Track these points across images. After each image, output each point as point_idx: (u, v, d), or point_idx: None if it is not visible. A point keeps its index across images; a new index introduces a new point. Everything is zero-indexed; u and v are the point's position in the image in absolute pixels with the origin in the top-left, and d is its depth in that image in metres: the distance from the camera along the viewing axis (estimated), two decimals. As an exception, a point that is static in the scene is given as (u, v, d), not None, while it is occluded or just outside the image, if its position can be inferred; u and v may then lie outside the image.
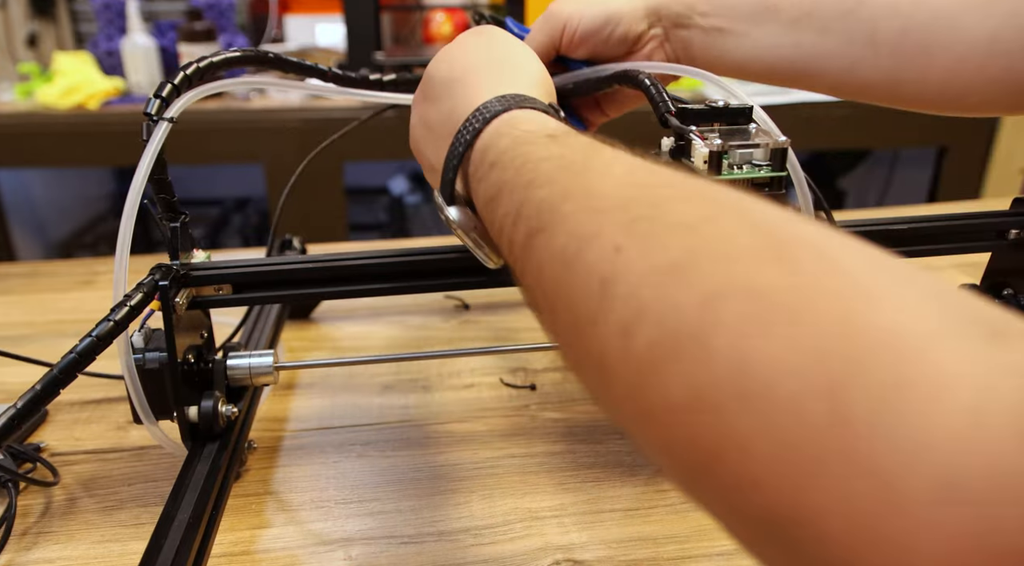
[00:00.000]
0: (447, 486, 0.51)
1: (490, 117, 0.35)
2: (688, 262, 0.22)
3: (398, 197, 2.19)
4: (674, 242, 0.22)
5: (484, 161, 0.34)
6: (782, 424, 0.18)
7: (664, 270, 0.22)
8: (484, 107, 0.36)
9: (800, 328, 0.19)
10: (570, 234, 0.26)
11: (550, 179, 0.29)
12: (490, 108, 0.35)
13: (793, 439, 0.18)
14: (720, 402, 0.19)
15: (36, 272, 0.92)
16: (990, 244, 0.57)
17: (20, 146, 1.48)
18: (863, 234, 0.56)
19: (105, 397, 0.62)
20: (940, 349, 0.17)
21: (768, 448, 0.18)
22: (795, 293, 0.19)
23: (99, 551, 0.46)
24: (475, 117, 0.36)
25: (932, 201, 1.76)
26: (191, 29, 1.52)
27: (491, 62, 0.42)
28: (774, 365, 0.18)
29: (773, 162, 0.44)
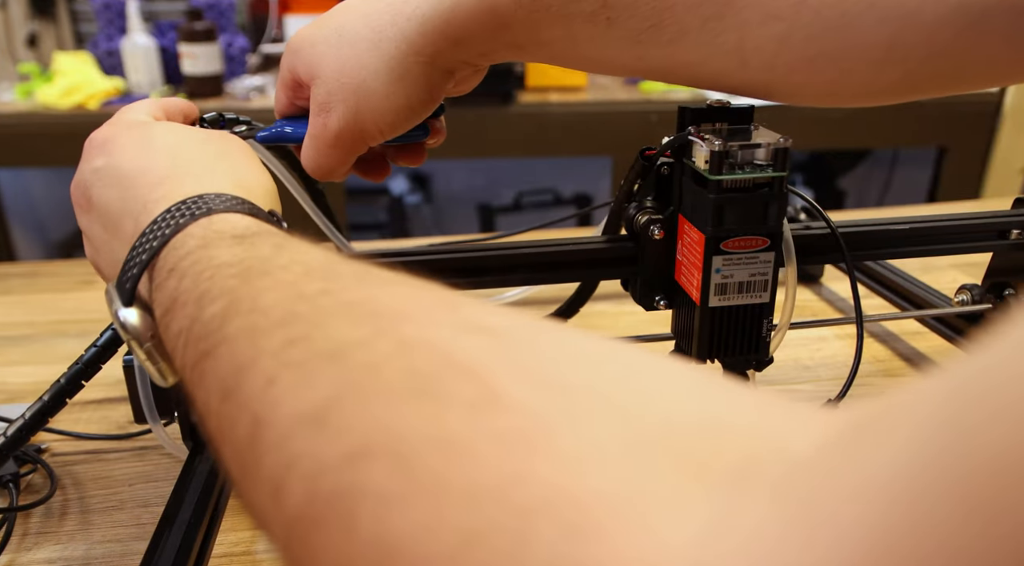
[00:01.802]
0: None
1: (199, 215, 0.30)
2: (334, 405, 0.18)
3: (398, 197, 2.19)
4: (324, 375, 0.19)
5: (164, 266, 0.29)
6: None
7: (311, 413, 0.19)
8: (193, 202, 0.31)
9: (444, 497, 0.15)
10: (231, 359, 0.22)
11: (224, 291, 0.25)
12: (200, 205, 0.30)
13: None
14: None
15: (36, 272, 0.92)
16: (991, 244, 0.57)
17: (20, 146, 1.48)
18: (863, 234, 0.56)
19: (106, 397, 0.62)
20: (626, 523, 0.14)
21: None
22: (440, 446, 0.16)
23: (100, 551, 0.46)
24: (180, 210, 0.30)
25: (932, 201, 1.77)
26: (191, 29, 1.52)
27: (211, 153, 0.36)
28: (419, 547, 0.15)
29: (775, 162, 0.44)
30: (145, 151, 0.35)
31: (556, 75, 1.64)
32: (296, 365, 0.20)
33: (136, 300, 0.31)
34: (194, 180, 0.33)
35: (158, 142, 0.36)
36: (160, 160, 0.35)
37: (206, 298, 0.25)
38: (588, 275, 0.53)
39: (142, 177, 0.34)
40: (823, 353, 0.68)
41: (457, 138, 1.54)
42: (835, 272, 0.85)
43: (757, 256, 0.45)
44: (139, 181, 0.34)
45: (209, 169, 0.34)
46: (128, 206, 0.33)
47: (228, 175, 0.34)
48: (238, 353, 0.22)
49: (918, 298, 0.65)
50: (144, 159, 0.35)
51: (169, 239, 0.30)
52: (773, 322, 0.48)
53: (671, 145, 0.47)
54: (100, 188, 0.35)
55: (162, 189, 0.32)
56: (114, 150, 0.36)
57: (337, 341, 0.20)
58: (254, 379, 0.21)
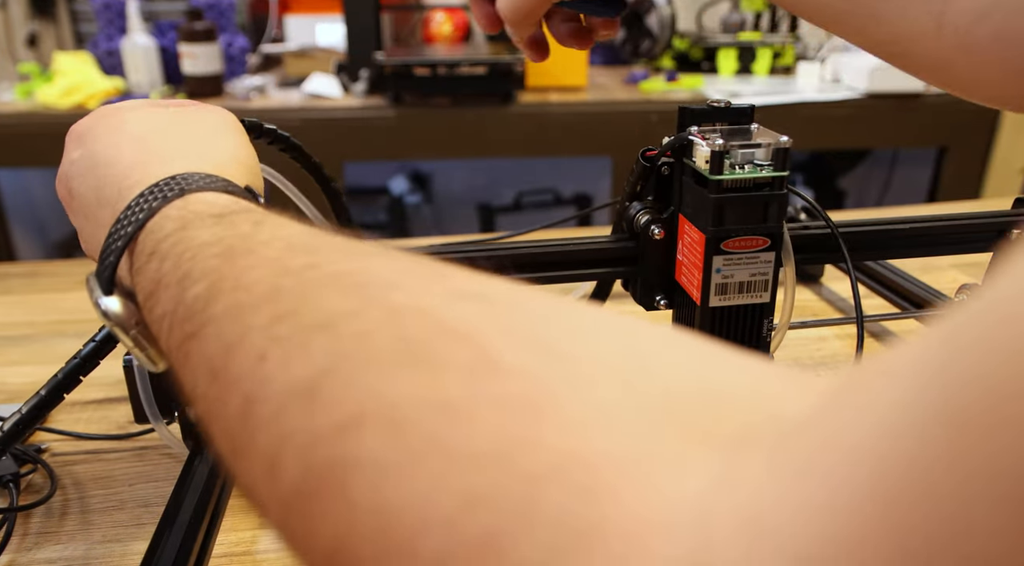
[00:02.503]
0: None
1: (171, 196, 0.29)
2: (326, 375, 0.18)
3: (398, 197, 2.19)
4: (316, 347, 0.19)
5: (144, 250, 0.29)
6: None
7: (303, 386, 0.18)
8: (166, 184, 0.30)
9: (442, 462, 0.15)
10: (218, 339, 0.22)
11: (207, 271, 0.24)
12: (172, 187, 0.30)
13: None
14: (360, 558, 0.16)
15: (36, 272, 0.92)
16: (991, 244, 0.57)
17: (20, 146, 1.48)
18: (863, 234, 0.56)
19: (106, 397, 0.62)
20: (634, 483, 0.14)
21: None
22: (437, 412, 0.16)
23: (100, 551, 0.46)
24: (153, 194, 0.30)
25: (932, 201, 1.77)
26: (191, 29, 1.52)
27: (182, 133, 0.36)
28: (417, 513, 0.15)
29: (775, 162, 0.44)
30: (117, 138, 0.35)
31: (556, 75, 1.64)
32: (285, 339, 0.20)
33: (117, 287, 0.30)
34: (166, 162, 0.32)
35: (130, 127, 0.35)
36: (132, 145, 0.34)
37: (188, 279, 0.25)
38: (589, 275, 0.53)
39: (115, 164, 0.33)
40: (823, 353, 0.68)
41: (457, 138, 1.54)
42: (835, 272, 0.85)
43: (757, 256, 0.45)
44: (113, 169, 0.33)
45: (181, 150, 0.34)
46: (104, 195, 0.33)
47: (202, 154, 0.34)
48: (225, 332, 0.22)
49: (918, 298, 0.65)
50: (116, 146, 0.34)
51: (144, 223, 0.29)
52: (773, 322, 0.48)
53: (672, 145, 0.47)
54: (78, 179, 0.35)
55: (135, 175, 0.32)
56: (88, 140, 0.36)
57: (326, 313, 0.20)
58: (243, 357, 0.21)
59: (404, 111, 1.51)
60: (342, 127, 1.51)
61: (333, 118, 1.51)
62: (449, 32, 1.97)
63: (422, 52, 1.64)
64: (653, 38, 1.82)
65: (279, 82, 1.72)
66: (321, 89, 1.56)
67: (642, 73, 1.73)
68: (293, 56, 1.73)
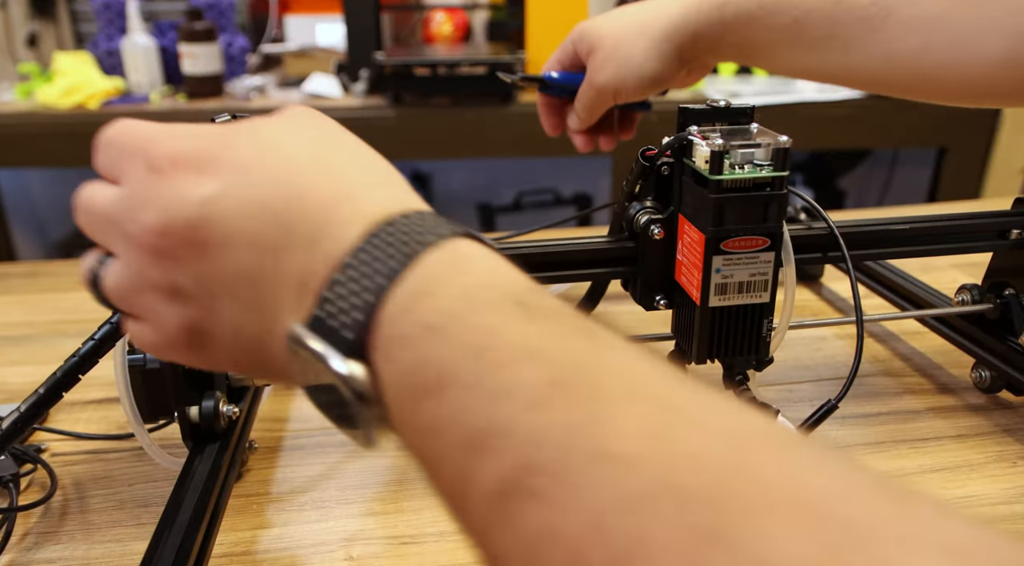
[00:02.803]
0: (448, 486, 0.51)
1: (432, 240, 0.23)
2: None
3: (398, 197, 2.19)
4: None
5: (410, 317, 0.22)
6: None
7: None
8: (405, 226, 0.23)
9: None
10: (588, 523, 0.17)
11: (538, 401, 0.19)
12: (425, 227, 0.24)
13: None
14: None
15: (36, 272, 0.92)
16: (991, 244, 0.57)
17: (20, 146, 1.48)
18: (863, 234, 0.56)
19: (106, 397, 0.62)
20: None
21: None
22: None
23: (100, 551, 0.46)
24: (394, 236, 0.23)
25: (932, 201, 1.76)
26: (191, 29, 1.52)
27: (346, 151, 0.29)
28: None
29: (774, 162, 0.44)
30: (280, 163, 0.26)
31: (556, 75, 1.64)
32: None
33: (351, 347, 0.23)
34: (370, 190, 0.26)
35: (289, 150, 0.27)
36: (312, 170, 0.26)
37: (508, 399, 0.19)
38: (588, 275, 0.53)
39: (301, 197, 0.25)
40: (823, 353, 0.68)
41: (457, 138, 1.54)
42: (835, 272, 0.85)
43: (757, 256, 0.45)
44: (301, 203, 0.25)
45: (368, 176, 0.27)
46: (289, 238, 0.25)
47: (386, 179, 0.27)
48: (604, 522, 0.16)
49: (918, 298, 0.65)
50: (288, 173, 0.26)
51: (398, 273, 0.22)
52: (773, 322, 0.48)
53: (671, 145, 0.47)
54: (227, 222, 0.25)
55: (342, 209, 0.25)
56: (227, 169, 0.26)
57: (778, 558, 0.15)
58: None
59: (404, 111, 1.51)
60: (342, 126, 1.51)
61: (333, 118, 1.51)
62: (449, 32, 1.97)
63: (422, 52, 1.64)
64: (653, 38, 1.81)
65: (279, 82, 1.72)
66: (321, 89, 1.56)
67: (642, 73, 1.73)
68: (293, 56, 1.73)
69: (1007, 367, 0.57)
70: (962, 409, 0.59)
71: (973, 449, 0.54)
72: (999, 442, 0.55)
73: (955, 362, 0.65)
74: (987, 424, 0.57)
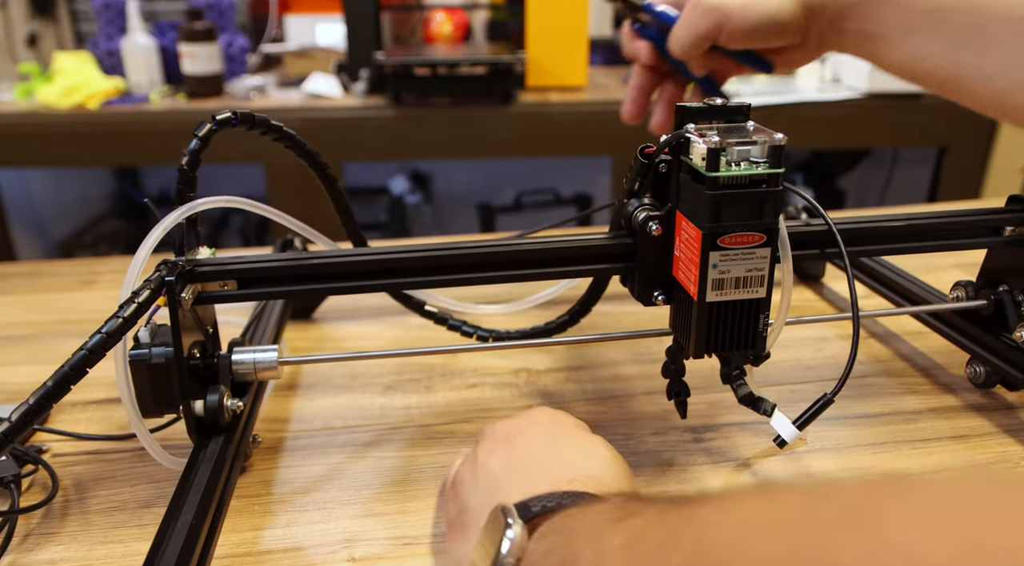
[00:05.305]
0: (449, 486, 0.51)
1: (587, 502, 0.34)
2: None
3: (398, 197, 2.20)
4: None
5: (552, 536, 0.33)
6: None
7: None
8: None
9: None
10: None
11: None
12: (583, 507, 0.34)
13: None
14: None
15: (37, 272, 0.92)
16: (985, 241, 0.57)
17: (20, 146, 1.48)
18: (860, 230, 0.56)
19: (106, 397, 0.62)
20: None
21: None
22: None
23: (101, 552, 0.46)
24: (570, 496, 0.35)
25: (932, 201, 1.76)
26: (191, 29, 1.52)
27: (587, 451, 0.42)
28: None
29: (770, 159, 0.44)
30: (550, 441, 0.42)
31: (556, 75, 1.64)
32: None
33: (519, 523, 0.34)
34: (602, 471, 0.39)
35: (565, 444, 0.43)
36: (566, 451, 0.41)
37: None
38: (588, 271, 0.54)
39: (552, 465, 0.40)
40: (825, 353, 0.68)
41: (457, 138, 1.54)
42: (837, 273, 0.85)
43: (754, 252, 0.45)
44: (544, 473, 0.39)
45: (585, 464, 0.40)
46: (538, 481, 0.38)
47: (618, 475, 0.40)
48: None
49: (917, 297, 0.65)
50: (551, 448, 0.41)
51: (579, 501, 0.34)
52: (770, 318, 0.48)
53: (669, 142, 0.47)
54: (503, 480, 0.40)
55: (568, 473, 0.38)
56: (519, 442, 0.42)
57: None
58: None
59: (404, 111, 1.51)
60: (342, 127, 1.51)
61: (333, 118, 1.51)
62: (449, 32, 1.97)
63: (422, 52, 1.64)
64: (653, 38, 1.81)
65: (279, 82, 1.72)
66: (321, 89, 1.56)
67: (642, 73, 1.73)
68: (293, 56, 1.73)
69: (1001, 363, 0.57)
70: (964, 409, 0.59)
71: (975, 450, 0.54)
72: (1001, 443, 0.55)
73: (957, 362, 0.65)
74: (989, 425, 0.57)
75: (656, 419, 0.58)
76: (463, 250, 0.51)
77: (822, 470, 0.52)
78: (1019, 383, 0.56)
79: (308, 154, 0.56)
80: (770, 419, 0.51)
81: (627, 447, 0.55)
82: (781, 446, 0.52)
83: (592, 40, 1.89)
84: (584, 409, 0.60)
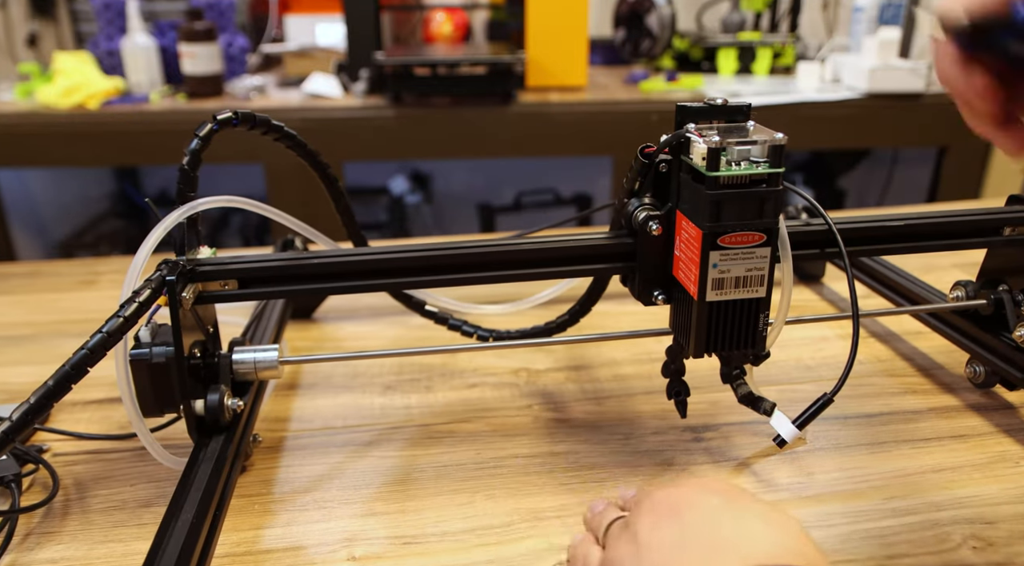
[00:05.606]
0: (450, 486, 0.51)
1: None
2: None
3: (398, 197, 2.19)
4: None
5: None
6: None
7: None
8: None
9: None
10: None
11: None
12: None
13: None
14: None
15: (37, 272, 0.92)
16: (985, 241, 0.57)
17: (20, 146, 1.48)
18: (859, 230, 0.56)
19: (106, 397, 0.62)
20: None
21: None
22: None
23: (101, 551, 0.46)
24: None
25: (932, 201, 1.76)
26: (191, 29, 1.52)
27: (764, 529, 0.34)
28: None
29: (770, 159, 0.44)
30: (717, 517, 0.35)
31: (556, 75, 1.64)
32: None
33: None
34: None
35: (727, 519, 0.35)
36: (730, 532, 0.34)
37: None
38: (588, 271, 0.54)
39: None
40: (824, 353, 0.68)
41: (457, 138, 1.54)
42: (837, 273, 0.85)
43: (754, 251, 0.45)
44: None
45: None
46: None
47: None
48: None
49: (917, 296, 0.65)
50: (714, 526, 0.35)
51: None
52: (769, 317, 0.48)
53: (669, 142, 0.47)
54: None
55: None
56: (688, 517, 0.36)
57: None
58: None
59: (404, 111, 1.51)
60: (342, 127, 1.51)
61: (333, 118, 1.51)
62: (449, 32, 1.97)
63: (422, 52, 1.64)
64: (653, 38, 1.82)
65: (279, 82, 1.72)
66: (321, 89, 1.56)
67: (642, 73, 1.73)
68: (293, 56, 1.73)
69: (1001, 362, 0.57)
70: (964, 409, 0.59)
71: (975, 449, 0.54)
72: (1001, 442, 0.55)
73: (956, 362, 0.65)
74: (989, 424, 0.57)
75: (656, 419, 0.58)
76: (463, 250, 0.51)
77: (822, 469, 0.52)
78: (1018, 383, 0.56)
79: (309, 154, 0.56)
80: (770, 419, 0.51)
81: (627, 447, 0.55)
82: (781, 446, 0.52)
83: (592, 40, 1.89)
84: (584, 409, 0.60)
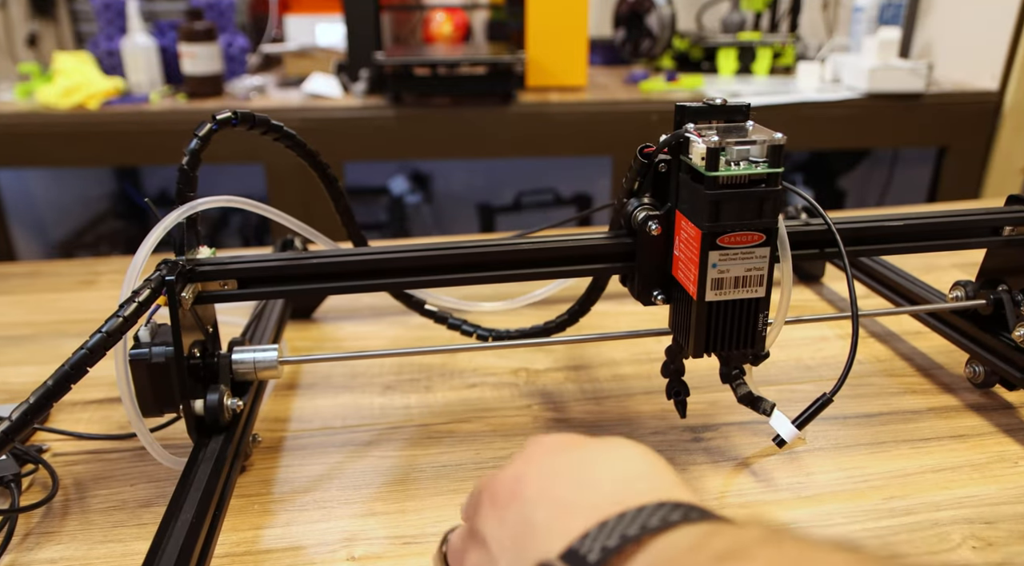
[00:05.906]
0: (449, 486, 0.51)
1: (692, 518, 0.26)
2: None
3: (398, 197, 2.20)
4: None
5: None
6: None
7: None
8: (674, 508, 0.27)
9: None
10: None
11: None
12: (677, 510, 0.27)
13: None
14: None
15: (37, 272, 0.93)
16: (985, 241, 0.57)
17: (20, 146, 1.48)
18: (859, 230, 0.56)
19: (106, 397, 0.62)
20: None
21: None
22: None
23: (101, 551, 0.46)
24: (653, 513, 0.26)
25: (932, 201, 1.76)
26: (191, 29, 1.52)
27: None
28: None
29: (770, 159, 0.44)
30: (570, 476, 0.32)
31: (556, 75, 1.64)
32: None
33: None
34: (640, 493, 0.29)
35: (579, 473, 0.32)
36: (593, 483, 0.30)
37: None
38: (588, 270, 0.54)
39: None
40: (824, 353, 0.68)
41: (457, 138, 1.54)
42: (837, 273, 0.85)
43: (753, 251, 0.45)
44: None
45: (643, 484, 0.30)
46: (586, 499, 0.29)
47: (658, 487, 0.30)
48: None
49: (917, 297, 0.65)
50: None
51: (658, 531, 0.26)
52: (769, 317, 0.48)
53: (668, 142, 0.47)
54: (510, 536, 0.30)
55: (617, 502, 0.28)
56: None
57: None
58: None
59: (404, 111, 1.51)
60: (342, 127, 1.51)
61: (333, 118, 1.51)
62: (449, 32, 1.97)
63: (422, 52, 1.64)
64: (653, 38, 1.82)
65: (279, 82, 1.72)
66: (321, 89, 1.56)
67: (642, 73, 1.73)
68: (293, 56, 1.73)
69: (1000, 362, 0.57)
70: (963, 409, 0.59)
71: (974, 449, 0.54)
72: (1000, 442, 0.55)
73: (956, 362, 0.65)
74: (988, 424, 0.57)
75: (655, 419, 0.58)
76: (463, 250, 0.51)
77: (821, 469, 0.52)
78: (1018, 383, 0.56)
79: (309, 154, 0.56)
80: (769, 418, 0.51)
81: (627, 447, 0.55)
82: (780, 445, 0.52)
83: (592, 40, 1.89)
84: (584, 409, 0.60)
